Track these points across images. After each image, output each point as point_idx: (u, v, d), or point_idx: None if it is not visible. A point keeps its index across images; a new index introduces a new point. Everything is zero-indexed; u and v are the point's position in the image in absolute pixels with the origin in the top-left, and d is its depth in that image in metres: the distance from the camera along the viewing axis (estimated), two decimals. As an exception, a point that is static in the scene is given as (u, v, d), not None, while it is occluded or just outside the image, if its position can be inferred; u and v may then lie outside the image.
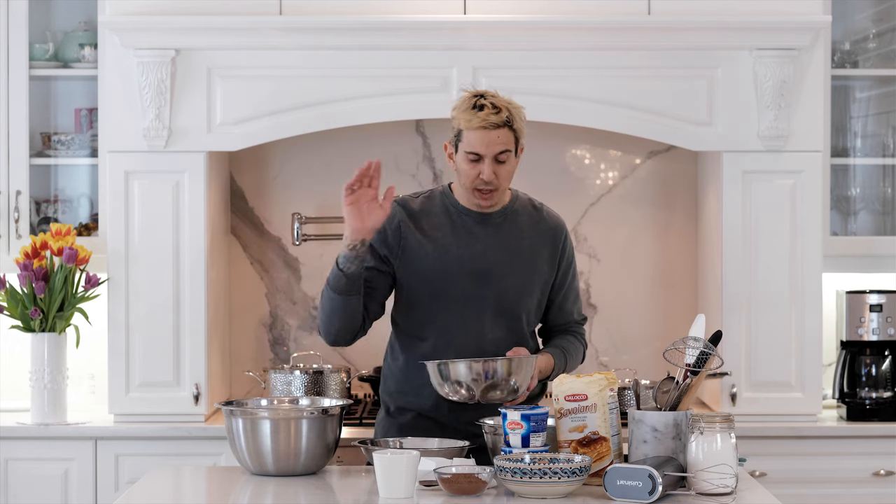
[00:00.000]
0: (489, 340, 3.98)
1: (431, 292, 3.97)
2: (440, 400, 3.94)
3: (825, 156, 5.19)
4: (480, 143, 3.88)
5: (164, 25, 4.93)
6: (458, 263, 3.97)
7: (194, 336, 5.02)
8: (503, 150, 3.89)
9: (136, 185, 5.02)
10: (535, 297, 4.06)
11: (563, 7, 5.01)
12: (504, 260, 3.99)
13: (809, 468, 4.99)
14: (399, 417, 4.05)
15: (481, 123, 3.87)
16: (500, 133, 3.88)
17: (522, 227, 4.05)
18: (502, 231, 4.02)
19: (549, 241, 4.07)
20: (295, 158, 5.51)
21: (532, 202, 4.12)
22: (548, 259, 4.06)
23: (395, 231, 3.99)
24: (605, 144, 5.52)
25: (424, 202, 4.05)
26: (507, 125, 3.88)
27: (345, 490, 3.64)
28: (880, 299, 5.17)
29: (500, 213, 4.03)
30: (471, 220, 4.01)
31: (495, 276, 3.98)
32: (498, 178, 3.92)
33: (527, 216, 4.07)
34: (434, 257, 3.97)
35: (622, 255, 5.53)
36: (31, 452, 4.97)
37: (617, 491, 3.41)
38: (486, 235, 4.00)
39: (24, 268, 4.97)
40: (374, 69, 4.99)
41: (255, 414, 3.76)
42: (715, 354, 3.62)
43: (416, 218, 4.01)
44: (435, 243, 3.98)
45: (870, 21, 5.43)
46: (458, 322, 3.97)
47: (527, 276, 4.02)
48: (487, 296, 3.97)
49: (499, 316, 4.00)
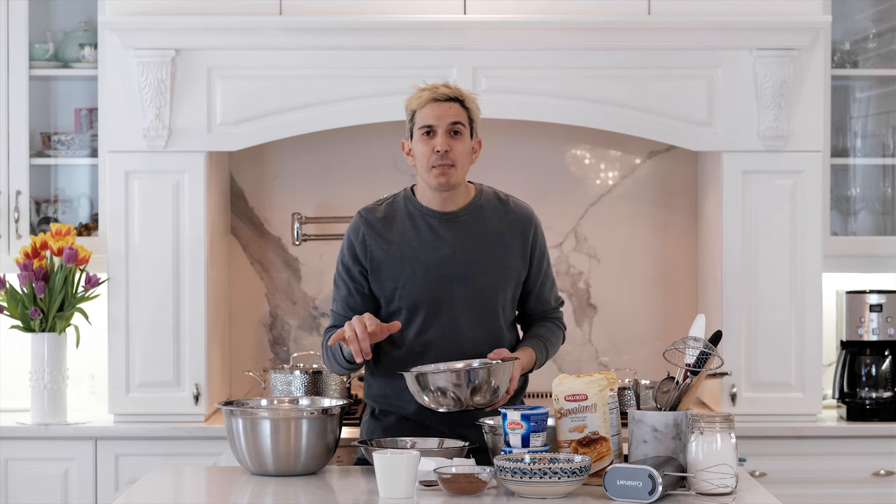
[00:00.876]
0: (467, 340, 3.95)
1: (404, 299, 3.94)
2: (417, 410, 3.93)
3: (825, 156, 5.19)
4: (432, 114, 3.91)
5: (164, 25, 4.93)
6: (429, 268, 3.93)
7: (194, 336, 5.02)
8: (456, 121, 3.91)
9: (136, 185, 5.02)
10: (510, 292, 4.02)
11: (563, 7, 5.01)
12: (474, 259, 3.96)
13: (809, 468, 4.99)
14: (384, 420, 4.03)
15: (431, 95, 3.92)
16: (451, 105, 3.92)
17: (489, 222, 4.01)
18: (469, 229, 3.98)
19: (518, 233, 4.03)
20: (295, 158, 5.51)
21: (497, 195, 4.08)
22: (519, 251, 4.02)
23: (360, 245, 3.97)
24: (605, 144, 5.52)
25: (388, 208, 4.02)
26: (458, 100, 3.93)
27: (345, 490, 3.64)
28: (880, 299, 5.17)
29: (464, 211, 3.99)
30: (436, 222, 3.98)
31: (467, 276, 3.95)
32: (453, 153, 3.91)
33: (493, 210, 4.03)
34: (402, 264, 3.94)
35: (622, 255, 5.53)
36: (31, 452, 4.97)
37: (617, 491, 3.41)
38: (452, 236, 3.97)
39: (24, 268, 4.97)
40: (374, 69, 4.99)
41: (255, 414, 3.76)
42: (715, 354, 3.62)
43: (379, 227, 3.98)
44: (401, 250, 3.95)
45: (870, 21, 5.43)
46: (434, 326, 3.94)
47: (498, 272, 3.99)
48: (461, 297, 3.94)
49: (475, 315, 3.96)
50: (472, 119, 3.95)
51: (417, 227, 3.97)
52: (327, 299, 4.35)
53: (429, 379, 3.76)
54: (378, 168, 5.49)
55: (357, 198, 5.44)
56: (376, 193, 5.33)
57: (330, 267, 5.46)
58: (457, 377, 3.74)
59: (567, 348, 5.48)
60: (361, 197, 5.42)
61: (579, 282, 5.53)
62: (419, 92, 3.95)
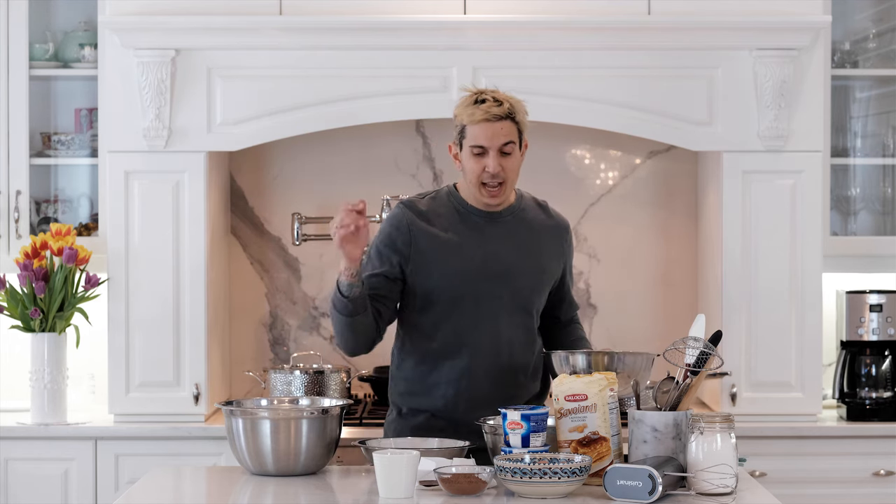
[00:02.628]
0: (503, 339, 3.99)
1: (446, 292, 3.98)
2: (453, 399, 3.97)
3: (825, 156, 5.19)
4: (484, 135, 3.91)
5: (164, 25, 4.93)
6: (473, 263, 3.97)
7: (194, 336, 5.02)
8: (507, 142, 3.92)
9: (136, 185, 5.02)
10: (545, 295, 4.10)
11: (563, 7, 5.01)
12: (517, 259, 4.01)
13: (809, 468, 4.99)
14: (412, 419, 4.05)
15: (484, 116, 3.89)
16: (503, 125, 3.91)
17: (531, 225, 4.07)
18: (512, 230, 4.04)
19: (555, 239, 4.10)
20: (295, 158, 5.50)
21: (536, 201, 4.15)
22: (555, 256, 4.10)
23: (404, 234, 3.99)
24: (605, 144, 5.52)
25: (431, 203, 4.05)
26: (510, 117, 3.92)
27: (345, 490, 3.64)
28: (880, 299, 5.17)
29: (508, 212, 4.05)
30: (481, 220, 4.02)
31: (510, 275, 3.99)
32: (504, 171, 3.94)
33: (534, 214, 4.10)
34: (448, 257, 3.98)
35: (622, 255, 5.53)
36: (31, 452, 4.97)
37: (617, 491, 3.41)
38: (497, 234, 4.02)
39: (24, 268, 4.97)
40: (374, 69, 4.99)
41: (255, 414, 3.76)
42: (715, 354, 3.62)
43: (425, 218, 4.01)
44: (447, 243, 3.99)
45: (870, 21, 5.43)
46: (472, 321, 3.98)
47: (537, 274, 4.05)
48: (502, 295, 3.99)
49: (513, 314, 4.01)
50: (522, 131, 3.97)
51: (464, 222, 4.01)
52: (327, 299, 4.36)
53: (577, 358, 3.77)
54: (378, 168, 5.49)
55: (357, 198, 5.42)
56: (377, 193, 5.37)
57: (330, 267, 5.46)
58: (605, 361, 3.75)
59: (567, 348, 5.48)
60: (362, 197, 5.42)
61: (579, 282, 5.53)
62: (470, 106, 3.92)
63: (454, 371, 3.99)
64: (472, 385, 3.99)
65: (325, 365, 5.17)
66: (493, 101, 3.91)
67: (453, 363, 3.99)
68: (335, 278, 3.89)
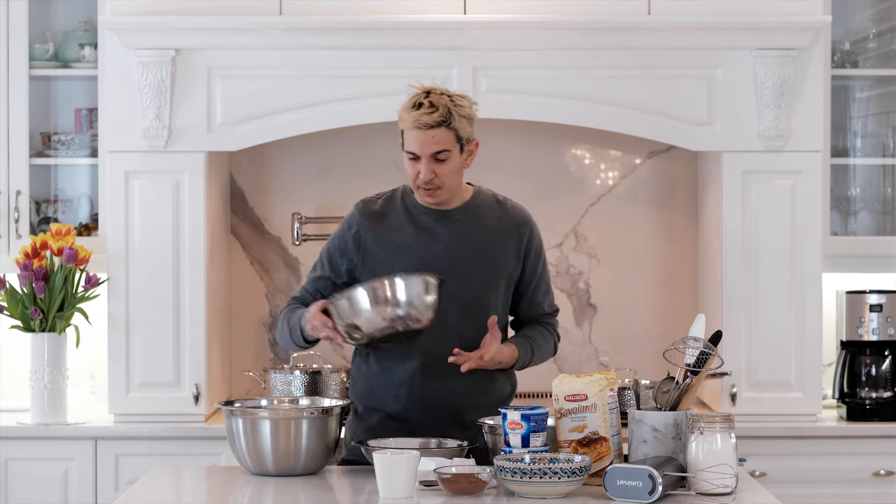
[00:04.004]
0: (456, 337, 3.93)
1: None
2: (406, 400, 3.95)
3: (825, 156, 5.19)
4: (416, 142, 3.87)
5: (164, 25, 4.93)
6: (420, 263, 3.91)
7: (194, 336, 5.02)
8: (440, 150, 3.86)
9: (136, 185, 5.02)
10: (501, 293, 4.02)
11: (563, 7, 5.01)
12: (466, 257, 3.96)
13: (809, 468, 4.99)
14: (367, 419, 4.02)
15: (414, 123, 3.86)
16: (434, 133, 3.86)
17: (485, 222, 4.00)
18: (464, 228, 3.98)
19: (513, 235, 4.03)
20: (295, 158, 5.51)
21: (496, 197, 4.07)
22: (513, 253, 4.02)
23: (353, 239, 3.98)
24: (605, 144, 5.52)
25: (385, 203, 4.03)
26: (444, 124, 3.85)
27: (345, 490, 3.64)
28: (880, 299, 5.17)
29: (459, 210, 4.00)
30: (430, 219, 3.98)
31: (459, 273, 3.93)
32: (439, 178, 3.89)
33: (489, 211, 4.03)
34: (397, 258, 3.94)
35: (622, 255, 5.53)
36: (31, 452, 4.97)
37: (617, 491, 3.41)
38: (446, 234, 3.97)
39: (24, 268, 4.97)
40: (374, 69, 4.99)
41: (255, 414, 3.76)
42: (715, 354, 3.62)
43: (376, 221, 3.99)
44: (396, 245, 3.96)
45: (870, 21, 5.43)
46: None
47: (491, 271, 3.99)
48: (452, 294, 3.92)
49: (465, 313, 3.95)
50: (461, 136, 3.89)
51: (414, 223, 3.98)
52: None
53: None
54: (378, 168, 5.48)
55: (357, 198, 5.43)
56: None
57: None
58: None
59: (567, 348, 5.48)
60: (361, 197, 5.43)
61: (579, 282, 5.53)
62: (407, 110, 3.89)
63: (406, 372, 3.95)
64: (425, 386, 3.95)
65: (324, 365, 5.17)
66: (428, 107, 3.84)
67: (405, 364, 3.95)
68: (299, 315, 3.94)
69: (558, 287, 5.49)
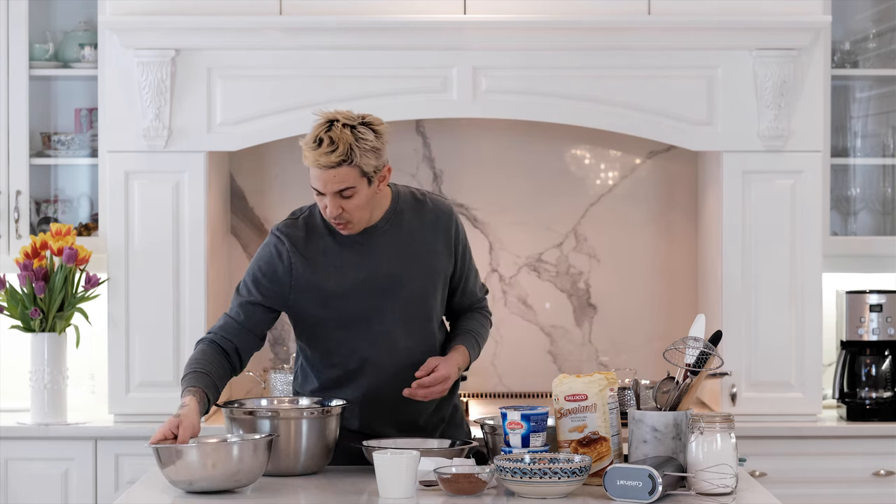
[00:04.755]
0: (401, 351, 3.88)
1: (333, 317, 3.85)
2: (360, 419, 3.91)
3: (825, 156, 5.19)
4: (318, 181, 3.72)
5: (164, 25, 4.93)
6: (356, 285, 3.84)
7: (194, 336, 5.00)
8: (343, 188, 3.71)
9: (136, 185, 5.02)
10: (440, 293, 3.95)
11: (563, 7, 5.01)
12: (402, 268, 3.86)
13: (809, 468, 4.99)
14: None
15: (314, 163, 3.69)
16: (335, 172, 3.68)
17: (411, 226, 3.90)
18: (392, 239, 3.87)
19: (440, 231, 3.93)
20: (295, 158, 5.49)
21: (414, 195, 3.94)
22: (444, 250, 3.93)
23: (286, 268, 3.84)
24: (605, 144, 5.52)
25: (306, 226, 3.88)
26: (345, 163, 3.68)
27: (345, 490, 3.64)
28: (880, 299, 5.17)
29: (383, 221, 3.87)
30: (357, 237, 3.84)
31: (396, 287, 3.86)
32: (347, 212, 3.75)
33: (412, 213, 3.91)
34: (329, 281, 3.83)
35: (622, 255, 5.53)
36: (31, 452, 4.97)
37: (617, 491, 3.41)
38: (375, 248, 3.86)
39: (24, 268, 4.97)
40: (373, 69, 4.99)
41: (255, 414, 3.76)
42: (715, 354, 3.62)
43: (303, 246, 3.85)
44: (326, 267, 3.84)
45: (870, 21, 5.43)
46: (367, 340, 3.87)
47: (427, 276, 3.91)
48: (392, 308, 3.86)
49: (407, 324, 3.89)
50: (366, 171, 3.70)
51: (339, 242, 3.85)
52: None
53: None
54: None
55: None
56: (376, 193, 5.36)
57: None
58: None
59: (567, 348, 5.48)
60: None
61: (579, 282, 5.53)
62: (308, 146, 3.70)
63: (358, 391, 3.90)
64: (378, 403, 3.91)
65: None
66: (328, 145, 3.66)
67: (356, 384, 3.90)
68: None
69: (558, 287, 5.49)
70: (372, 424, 3.93)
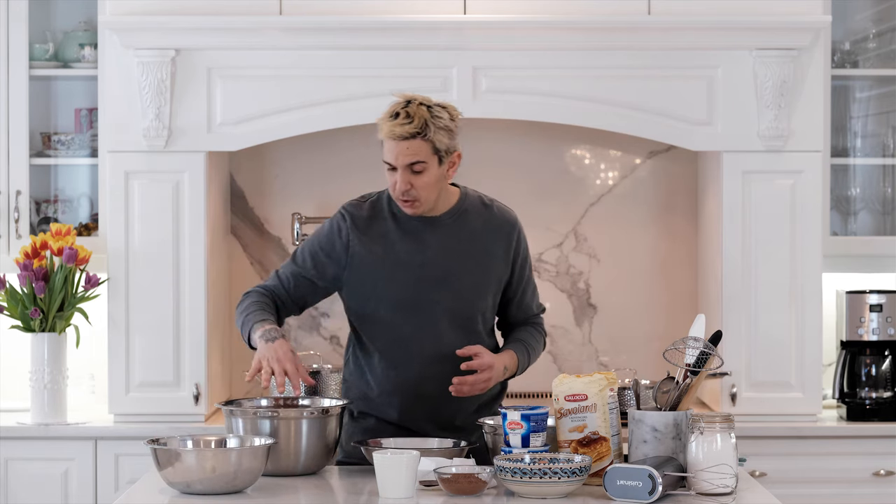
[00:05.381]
0: (445, 345, 3.92)
1: (383, 301, 3.91)
2: (400, 407, 3.95)
3: (825, 156, 5.19)
4: (391, 153, 3.82)
5: (164, 25, 4.93)
6: (409, 271, 3.90)
7: (194, 336, 5.02)
8: (414, 162, 3.81)
9: (136, 185, 5.02)
10: (490, 297, 3.99)
11: (563, 7, 5.01)
12: (456, 263, 3.93)
13: (809, 468, 4.99)
14: (363, 422, 4.02)
15: (389, 133, 3.80)
16: (409, 144, 3.79)
17: (473, 226, 3.96)
18: (452, 233, 3.94)
19: (502, 238, 3.99)
20: (295, 158, 5.51)
21: (482, 200, 4.02)
22: (502, 256, 3.99)
23: (343, 243, 3.93)
24: (605, 144, 5.52)
25: (371, 209, 3.97)
26: (419, 136, 3.79)
27: (345, 490, 3.64)
28: (880, 299, 5.17)
29: (447, 215, 3.95)
30: (419, 225, 3.93)
31: (448, 280, 3.91)
32: (415, 189, 3.83)
33: (477, 215, 3.98)
34: (384, 265, 3.91)
35: (622, 255, 5.53)
36: (31, 452, 4.97)
37: (617, 491, 3.41)
38: (435, 239, 3.93)
39: (24, 268, 4.97)
40: (373, 69, 4.99)
41: (255, 414, 3.76)
42: (715, 354, 3.62)
43: (364, 226, 3.94)
44: (384, 251, 3.91)
45: (870, 21, 5.43)
46: (413, 329, 3.92)
47: (480, 276, 3.96)
48: (441, 300, 3.91)
49: (454, 319, 3.94)
50: (439, 148, 3.82)
51: (402, 229, 3.94)
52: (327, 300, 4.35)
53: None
54: (378, 168, 5.40)
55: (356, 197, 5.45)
56: (376, 193, 5.36)
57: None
58: None
59: (567, 348, 5.48)
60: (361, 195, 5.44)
61: (579, 282, 5.53)
62: (385, 119, 3.83)
63: (399, 379, 3.94)
64: (419, 393, 3.94)
65: (324, 365, 5.17)
66: (404, 118, 3.78)
67: (398, 372, 3.94)
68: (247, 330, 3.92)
69: (558, 287, 5.49)
70: (410, 418, 3.96)
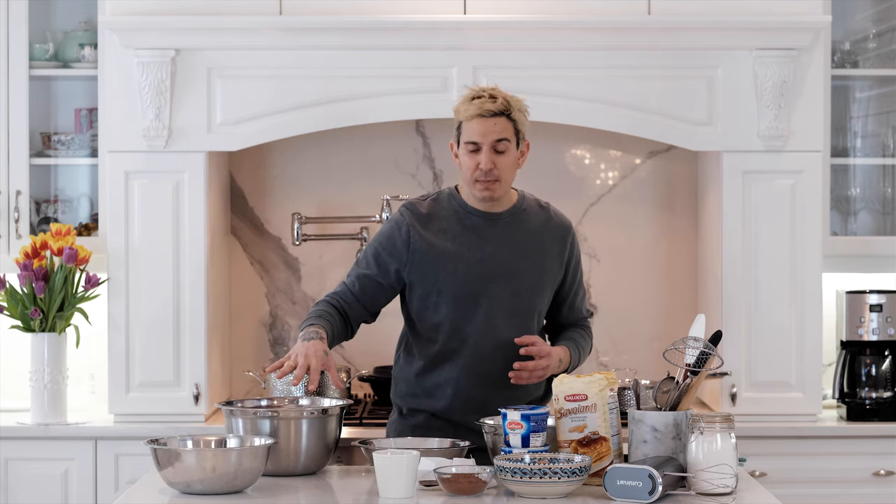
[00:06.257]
0: (501, 339, 3.99)
1: (444, 294, 3.99)
2: (451, 400, 4.00)
3: (825, 156, 5.19)
4: (477, 131, 3.93)
5: (164, 25, 4.93)
6: (470, 265, 3.99)
7: (194, 336, 5.02)
8: (501, 139, 3.93)
9: (136, 185, 5.02)
10: (546, 296, 4.09)
11: (563, 7, 5.01)
12: (515, 260, 4.02)
13: (809, 468, 4.99)
14: (412, 419, 4.08)
15: (477, 111, 3.92)
16: (496, 121, 3.93)
17: (531, 226, 4.07)
18: (512, 231, 4.04)
19: (557, 240, 4.10)
20: (295, 158, 5.50)
21: (538, 202, 4.14)
22: (557, 258, 4.09)
23: (404, 239, 4.01)
24: (605, 144, 5.52)
25: (432, 205, 4.06)
26: (504, 114, 3.93)
27: (345, 490, 3.64)
28: (880, 299, 5.17)
29: (508, 213, 4.05)
30: (480, 221, 4.03)
31: (507, 276, 4.00)
32: (497, 168, 3.95)
33: (535, 215, 4.09)
34: (446, 260, 3.99)
35: (622, 255, 5.53)
36: (31, 452, 4.97)
37: (617, 491, 3.41)
38: (496, 236, 4.02)
39: (24, 268, 4.97)
40: (373, 69, 4.99)
41: (255, 414, 3.76)
42: (715, 354, 3.62)
43: (425, 221, 4.03)
44: (446, 246, 4.00)
45: (870, 21, 5.43)
46: (471, 323, 4.00)
47: (538, 275, 4.05)
48: (500, 296, 4.00)
49: (512, 316, 4.02)
50: (519, 129, 3.98)
51: (463, 225, 4.02)
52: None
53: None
54: (379, 168, 5.49)
55: (357, 198, 5.46)
56: (377, 194, 5.37)
57: (330, 267, 5.46)
58: None
59: (567, 348, 5.48)
60: (362, 197, 5.45)
61: (580, 281, 5.52)
62: (467, 102, 3.96)
63: (453, 372, 4.01)
64: (471, 386, 4.01)
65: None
66: (489, 98, 3.94)
67: (452, 365, 4.01)
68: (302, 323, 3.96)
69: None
70: (459, 409, 4.00)
